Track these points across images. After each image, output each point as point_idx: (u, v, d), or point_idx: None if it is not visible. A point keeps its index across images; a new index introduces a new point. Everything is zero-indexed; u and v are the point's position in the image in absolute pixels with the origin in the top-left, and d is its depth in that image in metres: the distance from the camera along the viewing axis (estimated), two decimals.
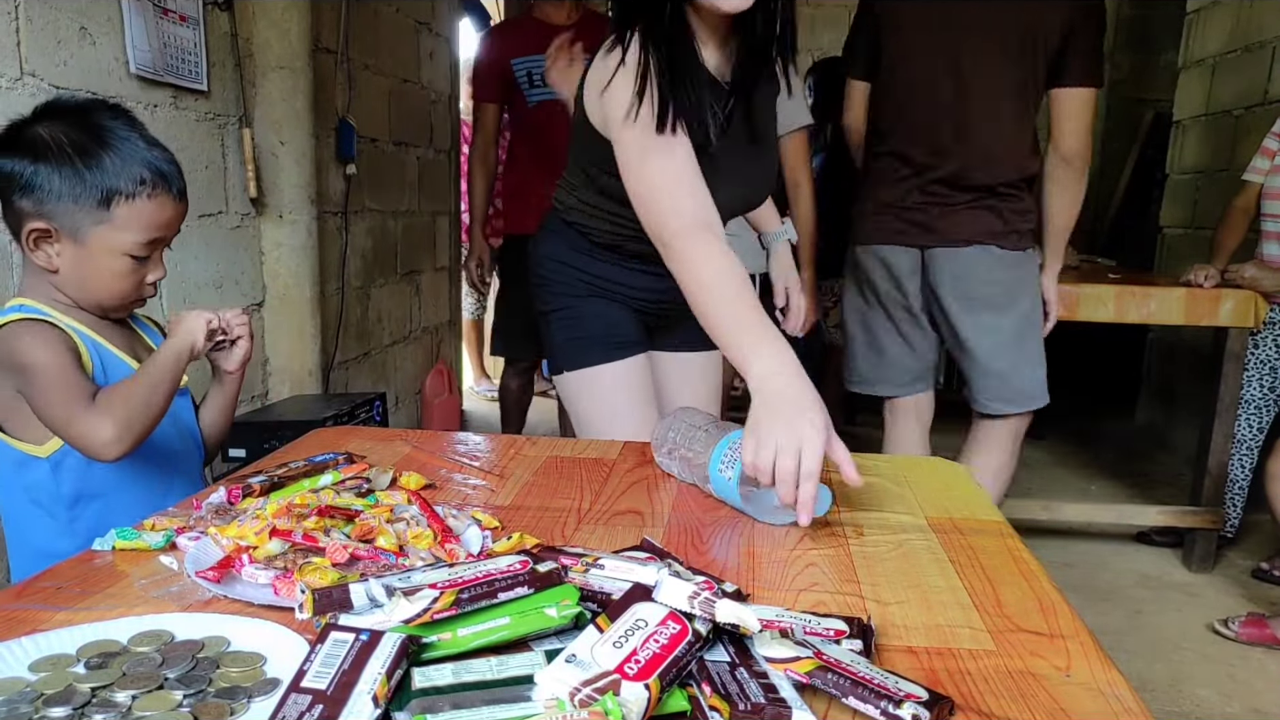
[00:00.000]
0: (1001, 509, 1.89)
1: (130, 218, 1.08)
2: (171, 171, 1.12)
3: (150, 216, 1.10)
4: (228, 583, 0.78)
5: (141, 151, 1.10)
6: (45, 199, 1.06)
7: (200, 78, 2.20)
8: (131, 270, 1.12)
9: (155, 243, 1.13)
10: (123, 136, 1.09)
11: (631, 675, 0.58)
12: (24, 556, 1.16)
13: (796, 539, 0.96)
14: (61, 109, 1.11)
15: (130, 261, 1.11)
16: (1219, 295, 2.60)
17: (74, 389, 1.05)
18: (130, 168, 1.08)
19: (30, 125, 1.08)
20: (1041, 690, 0.66)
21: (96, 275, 1.11)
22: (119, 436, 1.04)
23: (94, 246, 1.09)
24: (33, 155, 1.06)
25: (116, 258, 1.10)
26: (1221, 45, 3.80)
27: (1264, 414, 2.79)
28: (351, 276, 3.10)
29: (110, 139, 1.08)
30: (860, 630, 0.70)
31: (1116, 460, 3.97)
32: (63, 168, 1.06)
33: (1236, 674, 2.20)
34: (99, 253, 1.09)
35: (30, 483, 1.12)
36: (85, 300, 1.13)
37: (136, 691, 0.62)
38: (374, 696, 0.56)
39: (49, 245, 1.09)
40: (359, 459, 1.13)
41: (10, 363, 1.07)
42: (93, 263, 1.10)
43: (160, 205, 1.11)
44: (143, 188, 1.08)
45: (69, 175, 1.06)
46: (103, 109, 1.13)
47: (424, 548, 0.84)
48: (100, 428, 1.03)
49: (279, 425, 2.13)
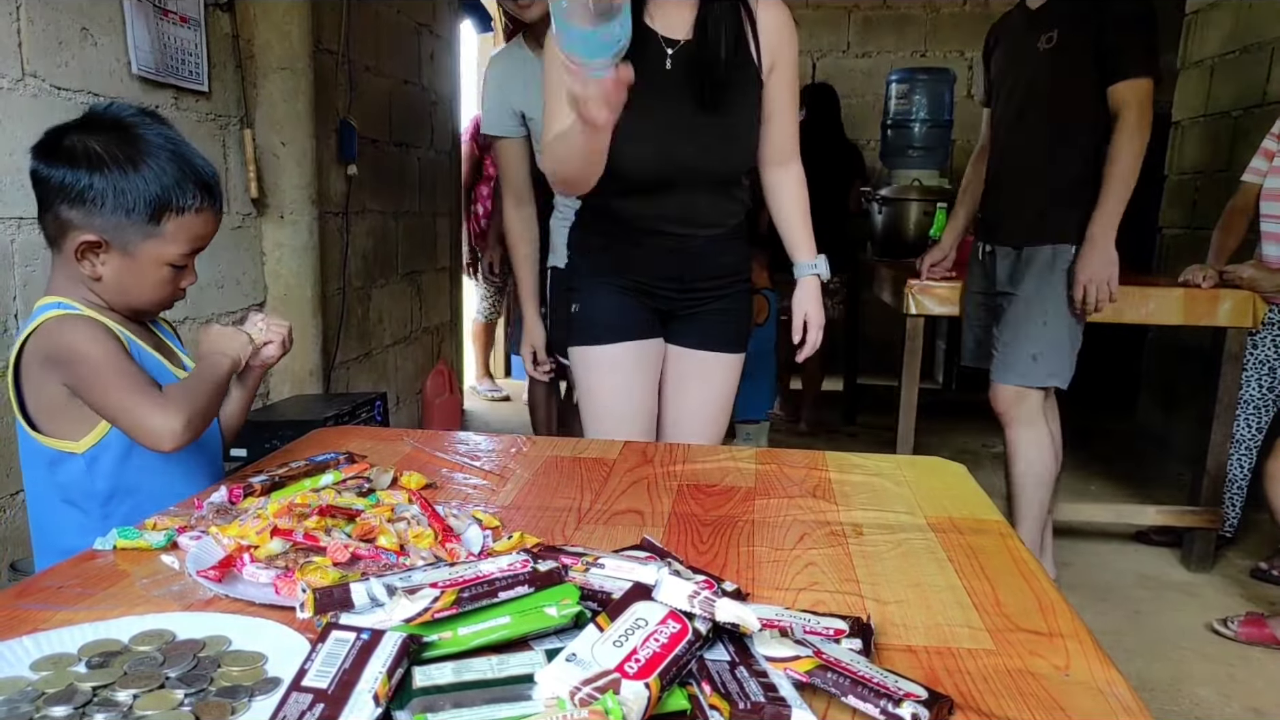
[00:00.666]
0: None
1: (178, 231, 1.11)
2: (217, 186, 1.16)
3: (196, 229, 1.13)
4: (229, 582, 0.78)
5: (187, 165, 1.12)
6: (95, 212, 1.08)
7: (201, 78, 2.20)
8: (172, 278, 1.15)
9: (195, 252, 1.16)
10: (169, 150, 1.12)
11: (631, 674, 0.58)
12: (50, 556, 1.15)
13: (796, 539, 0.97)
14: (105, 120, 1.12)
15: (171, 270, 1.14)
16: (1217, 295, 2.60)
17: (137, 378, 1.07)
18: (180, 183, 1.10)
19: (73, 134, 1.10)
20: (1041, 689, 0.66)
21: (139, 284, 1.13)
22: (185, 428, 1.05)
23: (141, 258, 1.11)
24: (84, 166, 1.07)
25: (160, 268, 1.13)
26: (1220, 46, 3.80)
27: (1262, 414, 2.79)
28: (352, 277, 3.10)
29: (157, 152, 1.10)
30: (860, 629, 0.71)
31: (1116, 460, 3.97)
32: (116, 182, 1.07)
33: (1236, 673, 2.20)
34: (145, 264, 1.12)
35: (64, 481, 1.12)
36: (121, 305, 1.16)
37: (138, 690, 0.62)
38: (375, 695, 0.56)
39: (95, 256, 1.11)
40: (360, 459, 1.13)
41: (60, 355, 1.07)
42: (138, 273, 1.12)
43: (205, 219, 1.14)
44: (192, 202, 1.11)
45: (121, 190, 1.08)
46: (145, 118, 1.14)
47: (425, 547, 0.85)
48: (172, 417, 1.05)
49: (280, 425, 2.13)
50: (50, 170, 1.09)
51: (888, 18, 5.40)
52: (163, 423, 1.05)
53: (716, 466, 1.23)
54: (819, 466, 1.24)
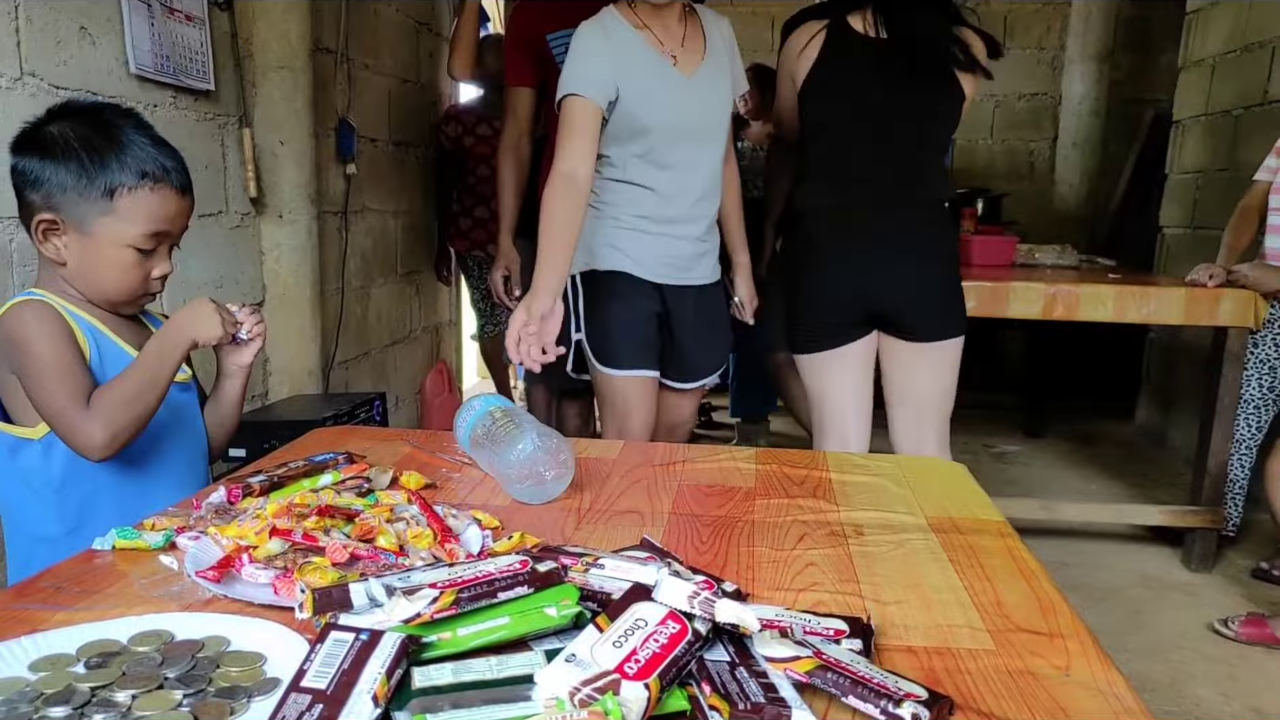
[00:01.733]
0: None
1: (132, 209, 1.11)
2: (174, 166, 1.14)
3: (152, 208, 1.12)
4: (228, 582, 0.78)
5: (146, 148, 1.12)
6: (53, 192, 1.09)
7: (208, 77, 2.20)
8: (136, 263, 1.14)
9: (159, 236, 1.15)
10: (128, 133, 1.12)
11: (631, 675, 0.58)
12: (20, 543, 1.17)
13: (796, 539, 0.96)
14: (73, 109, 1.14)
15: (134, 254, 1.13)
16: (1219, 295, 2.60)
17: (70, 382, 1.06)
18: (133, 161, 1.11)
19: (43, 125, 1.12)
20: (1041, 690, 0.66)
21: (102, 267, 1.13)
22: (108, 442, 1.07)
23: (99, 237, 1.11)
24: (42, 152, 1.10)
25: (120, 249, 1.12)
26: (1221, 45, 3.80)
27: (1263, 413, 2.79)
28: (351, 276, 3.09)
29: (116, 135, 1.11)
30: (860, 630, 0.71)
31: (1116, 460, 3.97)
32: (69, 162, 1.09)
33: (1236, 674, 2.20)
34: (104, 244, 1.11)
35: (24, 467, 1.13)
36: (93, 294, 1.15)
37: (136, 691, 0.62)
38: (374, 696, 0.56)
39: (56, 237, 1.11)
40: (359, 459, 1.13)
41: (10, 341, 1.09)
42: (99, 254, 1.12)
43: (163, 198, 1.13)
44: (144, 180, 1.11)
45: (75, 169, 1.09)
46: (113, 110, 1.17)
47: (424, 547, 0.84)
48: (93, 433, 1.05)
49: (279, 425, 2.13)
50: (16, 159, 1.11)
51: None
52: (86, 438, 1.06)
53: (716, 466, 1.23)
54: (819, 466, 1.23)
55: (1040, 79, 5.42)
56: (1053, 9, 5.33)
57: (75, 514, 1.13)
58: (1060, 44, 5.25)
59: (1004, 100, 5.46)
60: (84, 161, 1.09)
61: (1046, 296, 2.62)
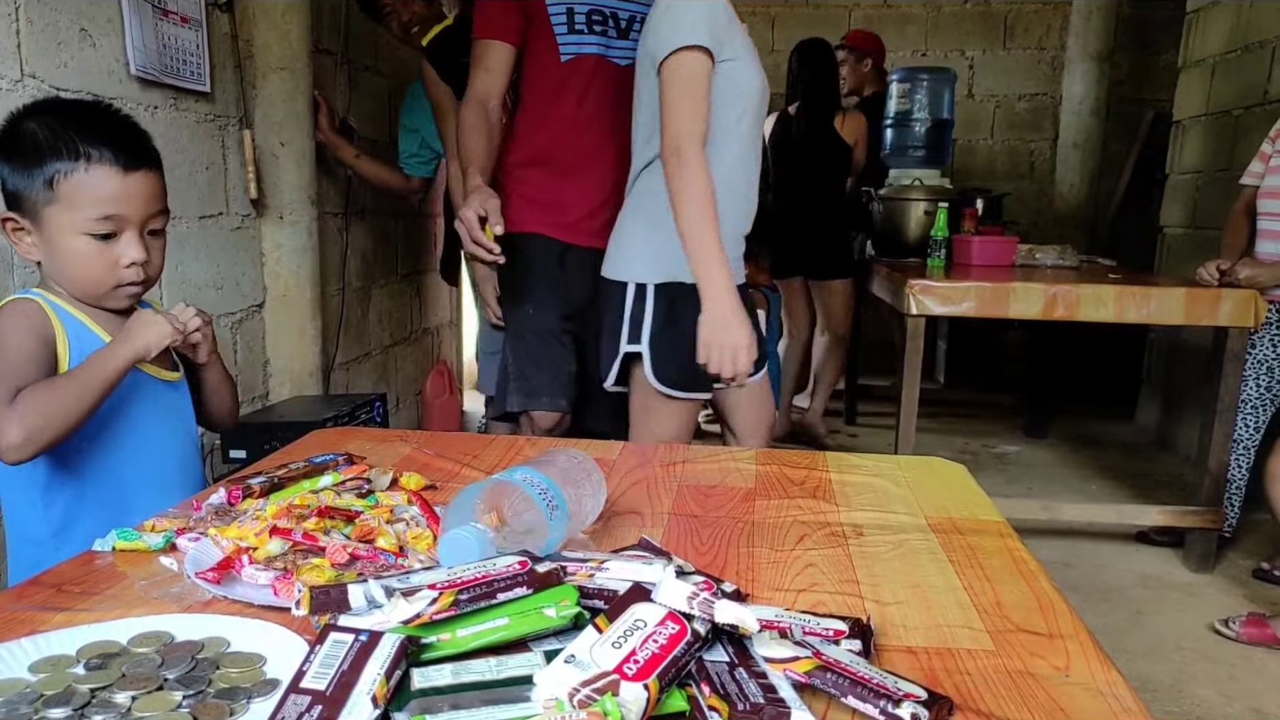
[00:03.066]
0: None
1: (74, 193, 1.05)
2: (117, 144, 1.07)
3: (94, 189, 1.06)
4: (227, 583, 0.78)
5: (88, 131, 1.06)
6: (7, 189, 1.08)
7: (203, 79, 2.20)
8: (96, 252, 1.08)
9: (111, 219, 1.08)
10: (81, 121, 1.07)
11: (630, 675, 0.58)
12: (15, 544, 1.17)
13: (796, 539, 0.96)
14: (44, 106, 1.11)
15: (90, 241, 1.07)
16: (1218, 295, 2.60)
17: (9, 378, 1.03)
18: (70, 145, 1.05)
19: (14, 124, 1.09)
20: (1041, 690, 0.66)
21: (64, 259, 1.09)
22: (22, 444, 1.01)
23: (50, 229, 1.07)
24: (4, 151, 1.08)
25: (75, 237, 1.07)
26: (1221, 45, 3.80)
27: (1260, 413, 2.79)
28: (352, 277, 3.10)
29: (69, 125, 1.06)
30: (859, 630, 0.70)
31: (1116, 460, 3.96)
32: (18, 156, 1.06)
33: (1237, 674, 2.20)
34: (57, 235, 1.07)
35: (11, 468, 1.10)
36: (72, 290, 1.12)
37: (136, 692, 0.62)
38: (373, 697, 0.56)
39: (21, 235, 1.09)
40: (359, 460, 1.13)
41: None
42: (57, 246, 1.08)
43: (104, 177, 1.06)
44: (79, 161, 1.05)
45: (21, 162, 1.06)
46: (85, 104, 1.15)
47: (423, 549, 0.84)
48: (7, 433, 1.00)
49: (279, 426, 2.13)
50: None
51: (888, 17, 5.40)
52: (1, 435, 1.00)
53: (716, 467, 1.23)
54: (819, 467, 1.23)
55: (1040, 79, 5.42)
56: (1053, 9, 5.33)
57: (61, 516, 1.12)
58: (1060, 44, 5.25)
59: (1004, 100, 5.46)
60: (28, 152, 1.06)
61: (1047, 297, 2.63)
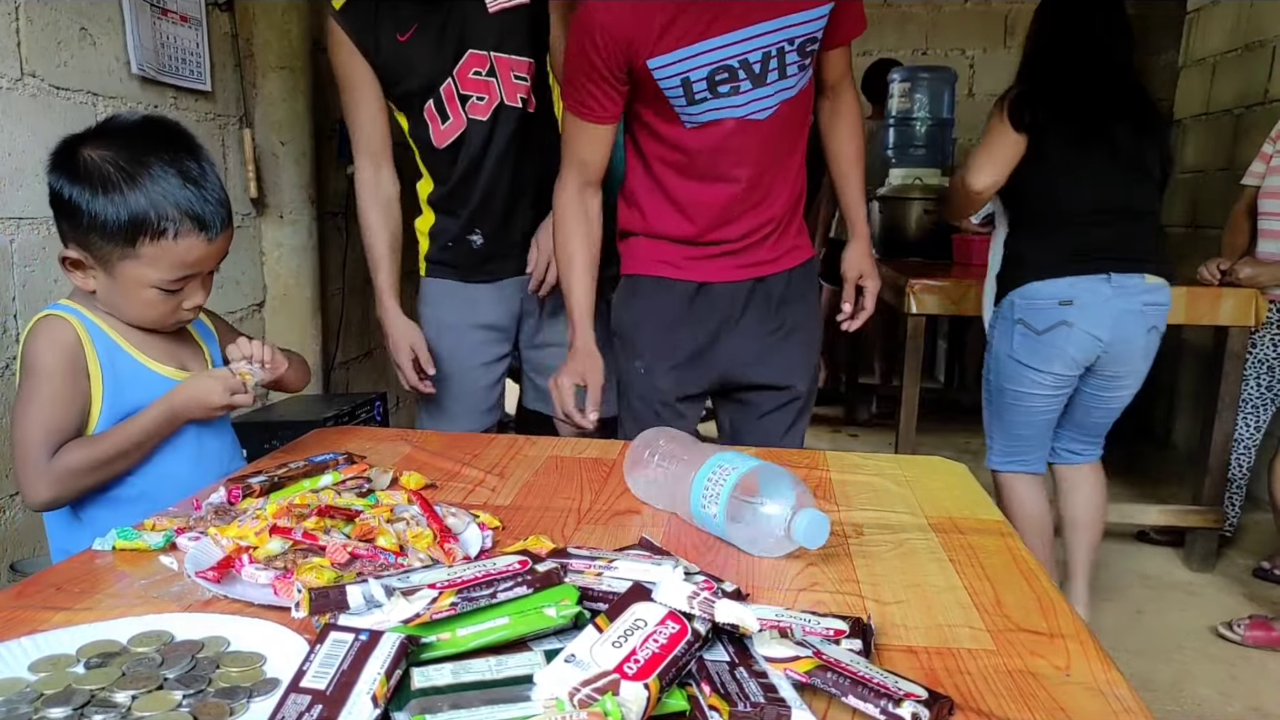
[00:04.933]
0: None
1: (157, 256, 1.06)
2: (207, 212, 1.08)
3: (177, 256, 1.07)
4: (227, 583, 0.78)
5: (175, 190, 1.05)
6: (79, 227, 1.06)
7: (204, 78, 2.20)
8: (163, 299, 1.11)
9: (186, 279, 1.11)
10: (160, 170, 1.05)
11: (631, 675, 0.58)
12: (58, 555, 1.16)
13: None
14: (117, 130, 1.09)
15: (159, 293, 1.10)
16: (1219, 294, 2.60)
17: (48, 420, 1.06)
18: (160, 206, 1.04)
19: (84, 144, 1.06)
20: (1041, 690, 0.66)
21: (127, 302, 1.11)
22: (49, 503, 1.08)
23: (122, 278, 1.08)
24: (74, 178, 1.05)
25: (144, 289, 1.09)
26: (1222, 44, 3.80)
27: (1261, 412, 2.79)
28: (352, 277, 3.09)
29: (147, 172, 1.05)
30: (860, 630, 0.70)
31: (1117, 459, 3.96)
32: (97, 199, 1.04)
33: (1238, 674, 2.20)
34: (127, 285, 1.09)
35: None
36: (123, 319, 1.14)
37: (136, 691, 0.62)
38: (373, 696, 0.56)
39: (82, 270, 1.09)
40: (359, 459, 1.13)
41: (24, 360, 1.09)
42: (123, 292, 1.09)
43: (189, 246, 1.07)
44: (169, 226, 1.05)
45: (100, 207, 1.04)
46: (157, 133, 1.10)
47: (423, 548, 0.84)
48: (39, 490, 1.06)
49: (279, 425, 2.13)
50: (51, 178, 1.07)
51: (889, 16, 5.39)
52: (32, 491, 1.06)
53: None
54: (819, 466, 1.23)
55: None
56: None
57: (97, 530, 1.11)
58: None
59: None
60: (112, 199, 1.03)
61: None
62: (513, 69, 1.66)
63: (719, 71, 1.36)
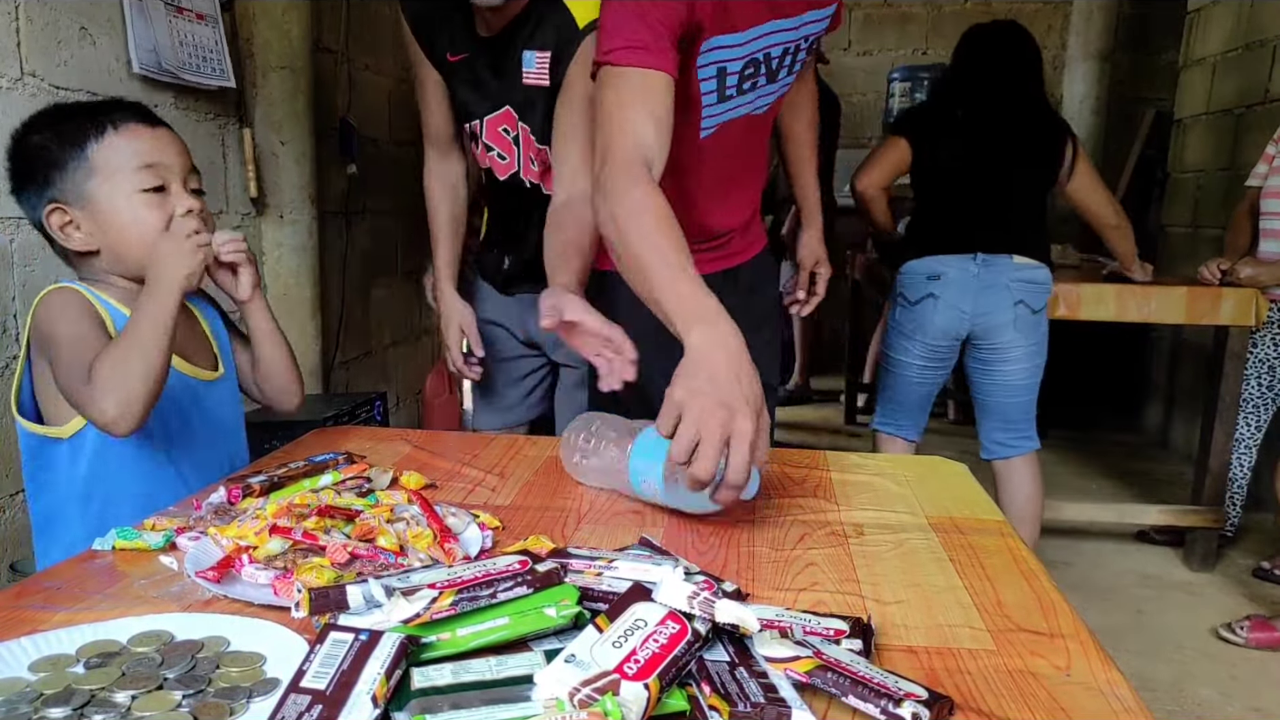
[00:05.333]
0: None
1: (111, 157, 1.09)
2: (133, 104, 1.13)
3: (130, 146, 1.10)
4: (227, 583, 0.78)
5: (104, 105, 1.12)
6: (43, 185, 1.09)
7: (226, 74, 2.19)
8: (151, 208, 1.10)
9: (154, 168, 1.10)
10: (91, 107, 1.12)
11: (631, 675, 0.58)
12: (50, 554, 1.14)
13: (796, 539, 0.96)
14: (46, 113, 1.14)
15: (142, 197, 1.09)
16: (1220, 294, 2.60)
17: (80, 361, 1.03)
18: (92, 117, 1.10)
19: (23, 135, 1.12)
20: (1041, 690, 0.66)
21: (122, 227, 1.10)
22: (120, 412, 1.01)
23: (100, 201, 1.09)
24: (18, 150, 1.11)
25: (126, 199, 1.09)
26: (1223, 44, 3.80)
27: (1262, 413, 2.79)
28: (352, 276, 3.10)
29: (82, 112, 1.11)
30: (860, 630, 0.70)
31: (1117, 459, 3.96)
32: (40, 142, 1.10)
33: (1238, 674, 2.20)
34: (107, 204, 1.09)
35: (54, 470, 1.12)
36: (135, 269, 1.10)
37: (136, 691, 0.62)
38: (373, 696, 0.56)
39: (72, 228, 1.10)
40: (359, 459, 1.13)
41: (40, 332, 1.08)
42: (112, 217, 1.09)
43: (134, 133, 1.10)
44: (107, 125, 1.09)
45: (51, 151, 1.09)
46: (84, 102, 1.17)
47: (423, 548, 0.84)
48: (102, 405, 1.00)
49: (279, 425, 2.13)
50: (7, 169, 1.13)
51: (889, 16, 5.40)
52: (98, 412, 1.01)
53: None
54: (819, 466, 1.23)
55: None
56: (1053, 8, 5.33)
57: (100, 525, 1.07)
58: (1061, 43, 5.24)
59: None
60: (53, 135, 1.09)
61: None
62: (529, 148, 1.58)
63: (749, 65, 1.29)
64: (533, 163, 1.60)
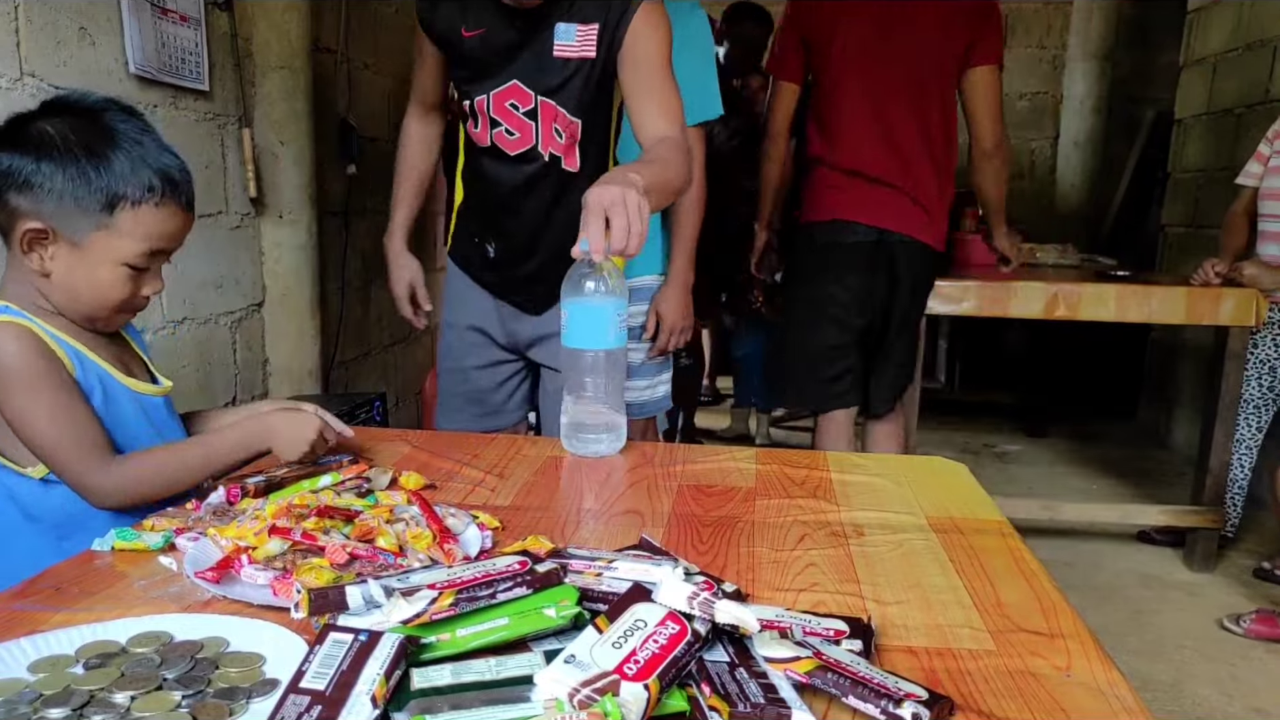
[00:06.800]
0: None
1: (133, 225, 1.01)
2: (183, 180, 1.05)
3: (155, 225, 1.03)
4: (227, 583, 0.78)
5: (153, 155, 1.03)
6: (45, 198, 0.99)
7: (202, 78, 2.20)
8: (127, 280, 1.05)
9: (156, 254, 1.06)
10: (134, 138, 1.02)
11: (631, 675, 0.58)
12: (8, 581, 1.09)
13: (797, 539, 0.96)
14: (71, 106, 1.04)
15: (128, 272, 1.04)
16: (1220, 294, 2.60)
17: (76, 434, 0.99)
18: (139, 172, 1.01)
19: (35, 120, 1.01)
20: (1041, 690, 0.66)
21: (91, 283, 1.03)
22: (119, 506, 1.02)
23: (92, 252, 1.02)
24: (36, 151, 0.99)
25: (114, 267, 1.03)
26: (1223, 44, 3.80)
27: (1262, 413, 2.79)
28: (352, 276, 3.09)
29: (121, 140, 1.01)
30: (860, 630, 0.70)
31: (1117, 459, 3.96)
32: (67, 166, 0.99)
33: (1238, 673, 2.20)
34: (97, 259, 1.02)
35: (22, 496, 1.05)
36: (73, 310, 1.05)
37: (135, 692, 0.62)
38: (372, 697, 0.56)
39: (43, 248, 1.01)
40: (359, 459, 1.13)
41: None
42: (88, 270, 1.02)
43: (168, 215, 1.04)
44: (150, 194, 1.01)
45: (73, 174, 0.99)
46: (115, 109, 1.06)
47: (422, 549, 0.84)
48: (105, 493, 1.00)
49: None
50: (2, 155, 1.00)
51: None
52: (98, 497, 1.00)
53: (716, 467, 1.22)
54: (819, 466, 1.23)
55: (1041, 78, 5.41)
56: (1054, 8, 5.32)
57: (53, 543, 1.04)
58: (1061, 43, 5.24)
59: (1005, 99, 5.44)
60: (84, 167, 0.99)
61: (1048, 296, 2.62)
62: (555, 120, 1.57)
63: None
64: (559, 135, 1.58)
